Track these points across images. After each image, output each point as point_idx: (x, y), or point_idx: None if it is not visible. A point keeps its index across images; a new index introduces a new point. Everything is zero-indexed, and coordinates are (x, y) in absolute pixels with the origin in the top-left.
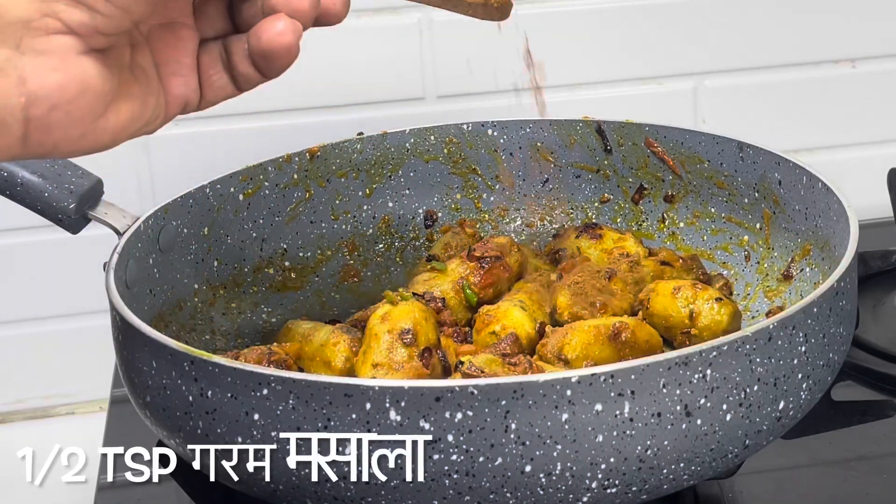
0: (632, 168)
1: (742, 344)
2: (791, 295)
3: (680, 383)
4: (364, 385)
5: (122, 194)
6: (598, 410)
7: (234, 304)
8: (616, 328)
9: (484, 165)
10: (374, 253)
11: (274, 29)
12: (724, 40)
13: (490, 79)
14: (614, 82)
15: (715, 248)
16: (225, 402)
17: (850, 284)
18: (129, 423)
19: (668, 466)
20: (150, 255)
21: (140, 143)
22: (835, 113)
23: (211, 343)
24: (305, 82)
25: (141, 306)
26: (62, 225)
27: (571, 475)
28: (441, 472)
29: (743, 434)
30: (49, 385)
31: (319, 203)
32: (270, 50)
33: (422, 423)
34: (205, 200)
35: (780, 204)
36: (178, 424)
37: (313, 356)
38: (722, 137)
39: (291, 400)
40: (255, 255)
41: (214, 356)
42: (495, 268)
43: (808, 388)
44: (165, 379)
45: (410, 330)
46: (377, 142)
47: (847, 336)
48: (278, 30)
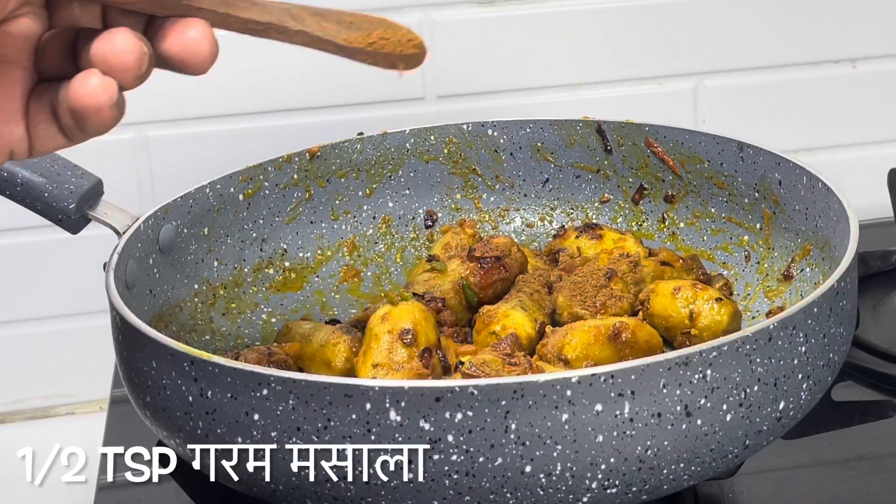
0: (632, 168)
1: (742, 344)
2: (791, 295)
3: (680, 383)
4: (364, 385)
5: (122, 194)
6: (599, 411)
7: (234, 305)
8: (616, 328)
9: (484, 165)
10: (374, 253)
11: (84, 87)
12: (725, 40)
13: (491, 79)
14: (614, 82)
15: (715, 249)
16: (225, 403)
17: (850, 284)
18: (129, 423)
19: (668, 467)
20: (150, 255)
21: (140, 143)
22: (835, 113)
23: (211, 343)
24: (305, 82)
25: (141, 306)
26: (62, 225)
27: (571, 475)
28: (441, 472)
29: (743, 434)
30: (49, 385)
31: (319, 203)
32: (80, 108)
33: (422, 423)
34: (205, 200)
35: (780, 204)
36: (177, 424)
37: (313, 356)
38: (722, 137)
39: (291, 400)
40: (255, 256)
41: (214, 356)
42: (495, 268)
43: (809, 389)
44: (165, 379)
45: (410, 330)
46: (377, 142)
47: (847, 336)
48: (88, 89)
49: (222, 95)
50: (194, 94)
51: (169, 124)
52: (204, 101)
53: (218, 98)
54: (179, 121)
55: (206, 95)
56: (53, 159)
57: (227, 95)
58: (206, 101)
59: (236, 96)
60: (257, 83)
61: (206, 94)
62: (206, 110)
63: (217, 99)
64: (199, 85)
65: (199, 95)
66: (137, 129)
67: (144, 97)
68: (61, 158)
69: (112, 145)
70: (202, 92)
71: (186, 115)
